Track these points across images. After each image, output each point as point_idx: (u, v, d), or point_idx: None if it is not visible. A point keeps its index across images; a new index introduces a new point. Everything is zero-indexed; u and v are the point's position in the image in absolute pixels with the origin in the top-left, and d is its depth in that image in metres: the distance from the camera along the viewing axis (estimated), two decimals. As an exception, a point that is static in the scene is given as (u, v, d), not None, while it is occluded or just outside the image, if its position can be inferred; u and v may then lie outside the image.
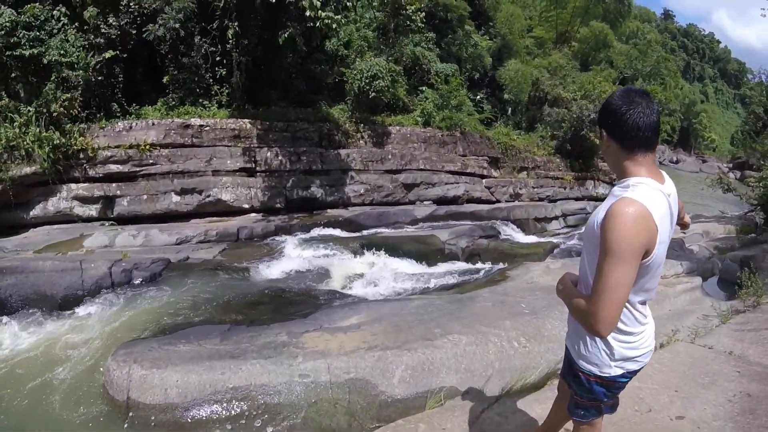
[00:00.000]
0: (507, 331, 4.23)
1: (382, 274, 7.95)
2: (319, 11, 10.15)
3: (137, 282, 6.87)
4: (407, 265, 8.84)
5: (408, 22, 16.99)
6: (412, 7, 16.62)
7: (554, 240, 13.03)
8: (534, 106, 20.69)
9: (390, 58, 16.45)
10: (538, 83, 20.57)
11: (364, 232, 11.18)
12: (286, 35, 11.29)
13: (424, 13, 17.38)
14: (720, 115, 72.44)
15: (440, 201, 14.21)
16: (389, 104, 16.66)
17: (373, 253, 9.08)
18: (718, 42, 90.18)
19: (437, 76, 17.41)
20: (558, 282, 1.93)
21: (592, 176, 19.44)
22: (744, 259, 9.18)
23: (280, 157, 12.33)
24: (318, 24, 10.38)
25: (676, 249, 11.83)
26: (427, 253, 9.66)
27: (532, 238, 12.95)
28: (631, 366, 1.81)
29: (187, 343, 4.15)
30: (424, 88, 17.20)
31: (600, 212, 1.66)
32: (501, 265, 9.29)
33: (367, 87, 14.32)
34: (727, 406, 3.18)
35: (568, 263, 7.75)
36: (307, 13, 10.13)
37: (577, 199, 18.14)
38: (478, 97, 20.36)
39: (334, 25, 10.62)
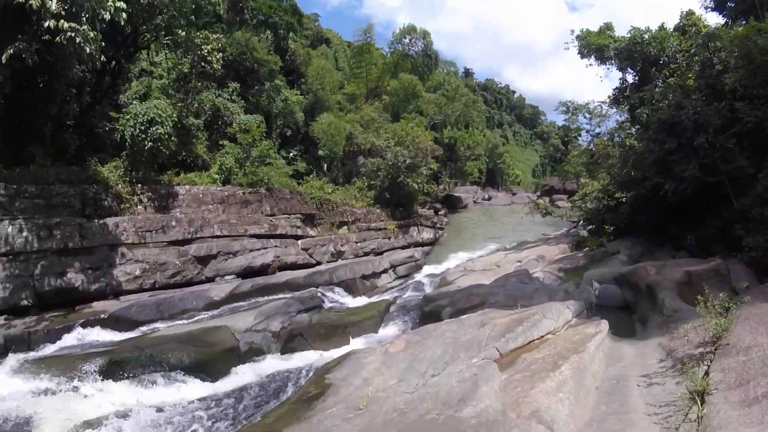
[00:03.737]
0: None
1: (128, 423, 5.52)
2: (62, 21, 7.93)
3: None
4: (175, 392, 6.41)
5: (203, 64, 15.28)
6: (208, 47, 15.03)
7: (387, 297, 12.04)
8: (350, 160, 20.42)
9: (189, 111, 14.37)
10: (352, 137, 20.35)
11: (133, 332, 8.66)
12: (11, 52, 8.48)
13: (221, 54, 15.88)
14: (520, 154, 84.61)
15: (246, 273, 12.10)
16: (184, 161, 14.39)
17: (119, 376, 6.48)
18: (513, 92, 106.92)
19: (239, 126, 15.77)
20: None
21: (414, 222, 19.42)
22: (620, 278, 8.06)
23: (25, 233, 9.34)
24: (61, 39, 8.04)
25: (526, 281, 10.59)
26: (212, 359, 7.28)
27: (362, 300, 11.80)
28: None
29: None
30: (225, 143, 15.33)
31: None
32: (320, 358, 7.59)
33: (143, 135, 11.73)
34: None
35: (413, 340, 5.86)
36: (46, 24, 7.90)
37: (403, 247, 17.79)
38: (292, 154, 19.40)
39: (78, 40, 8.18)
